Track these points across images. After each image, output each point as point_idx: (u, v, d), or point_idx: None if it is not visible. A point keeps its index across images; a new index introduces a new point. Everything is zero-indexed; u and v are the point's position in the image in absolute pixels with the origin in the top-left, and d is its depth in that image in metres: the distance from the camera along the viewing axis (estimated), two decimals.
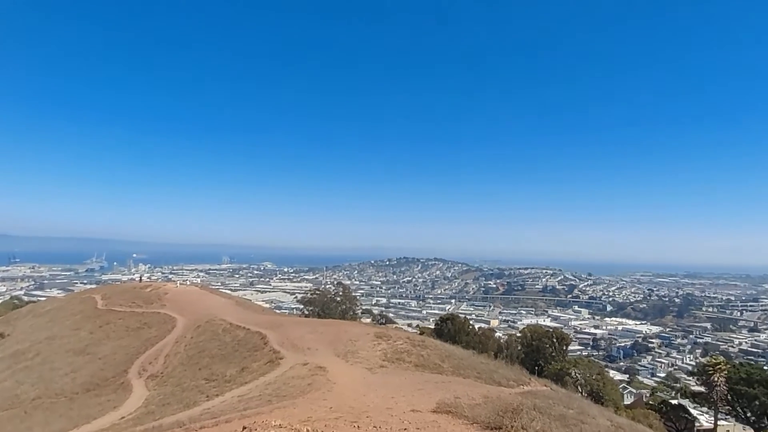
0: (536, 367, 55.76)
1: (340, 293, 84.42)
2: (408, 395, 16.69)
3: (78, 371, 37.80)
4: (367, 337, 30.50)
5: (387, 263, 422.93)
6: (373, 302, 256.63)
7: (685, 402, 60.14)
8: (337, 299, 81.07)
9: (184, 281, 77.88)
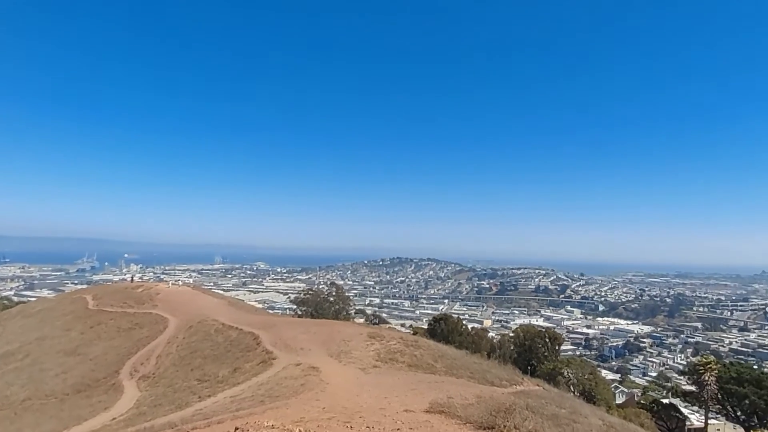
0: (529, 367, 56.03)
1: (333, 293, 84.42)
2: (401, 395, 16.69)
3: (69, 372, 37.47)
4: (360, 337, 30.45)
5: (380, 263, 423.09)
6: (366, 302, 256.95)
7: (676, 401, 60.58)
8: (330, 299, 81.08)
9: (176, 281, 77.38)
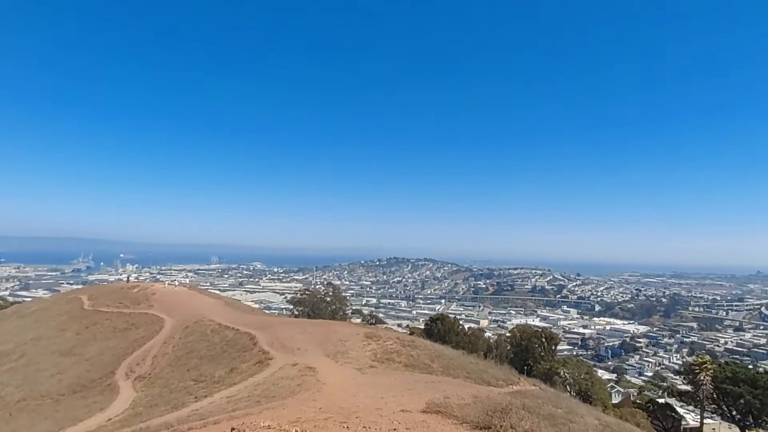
0: (525, 367, 56.04)
1: (330, 293, 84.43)
2: (398, 395, 16.67)
3: (64, 373, 37.31)
4: (356, 337, 30.42)
5: (377, 263, 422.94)
6: (363, 302, 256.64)
7: (672, 401, 60.82)
8: (327, 299, 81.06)
9: (173, 281, 77.18)
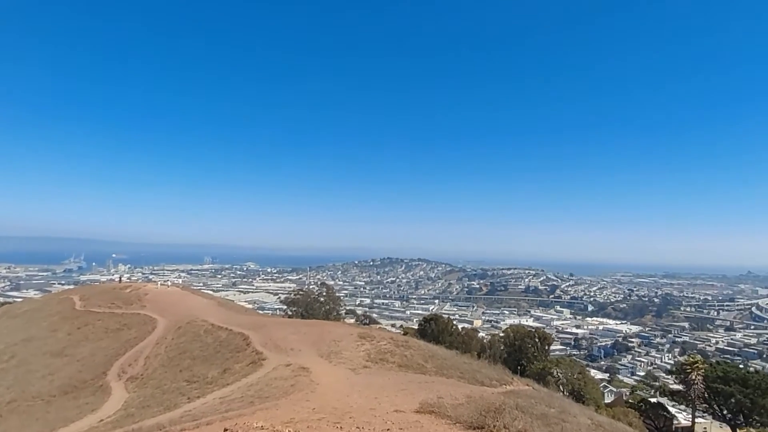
0: (519, 367, 56.27)
1: (324, 294, 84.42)
2: (391, 395, 16.68)
3: (55, 373, 37.04)
4: (350, 337, 30.41)
5: (371, 264, 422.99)
6: (356, 303, 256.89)
7: (664, 400, 61.17)
8: (321, 300, 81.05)
9: (165, 282, 76.66)
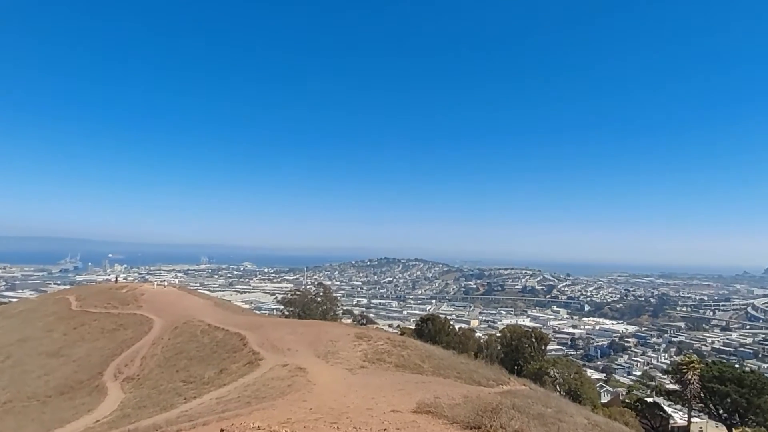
0: (516, 367, 56.29)
1: (321, 294, 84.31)
2: (388, 396, 16.68)
3: (51, 374, 36.91)
4: (347, 337, 30.39)
5: (368, 264, 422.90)
6: (353, 303, 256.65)
7: (660, 400, 61.39)
8: (318, 300, 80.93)
9: (162, 282, 76.50)
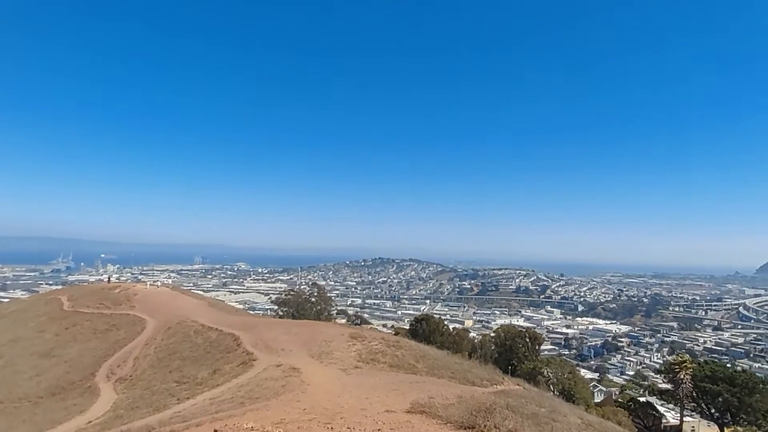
0: (510, 367, 56.42)
1: (315, 294, 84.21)
2: (382, 396, 16.66)
3: (43, 375, 36.66)
4: (341, 337, 30.34)
5: (362, 264, 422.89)
6: (348, 303, 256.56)
7: (653, 399, 61.73)
8: (312, 300, 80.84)
9: (155, 282, 76.07)
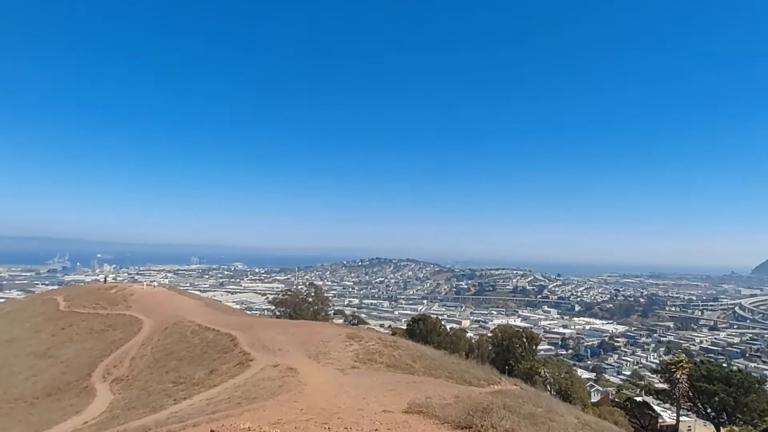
0: (507, 367, 56.49)
1: (312, 294, 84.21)
2: (379, 396, 16.67)
3: (39, 375, 36.56)
4: (338, 338, 30.34)
5: (359, 264, 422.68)
6: (345, 303, 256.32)
7: (649, 399, 61.89)
8: (309, 300, 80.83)
9: (151, 282, 75.86)
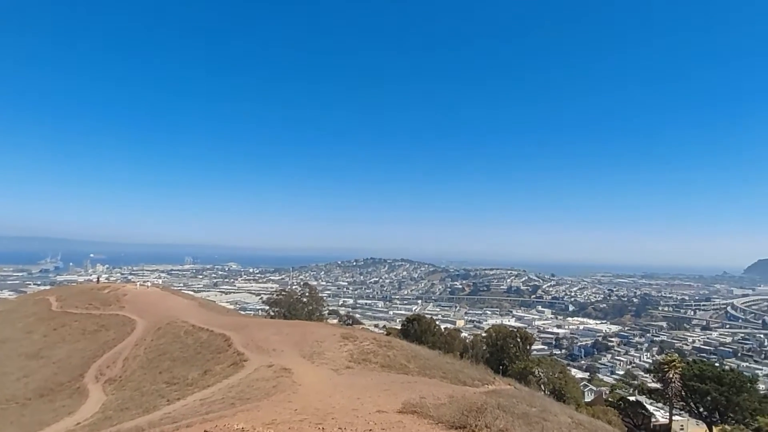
0: (501, 367, 56.67)
1: (307, 294, 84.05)
2: (374, 396, 16.66)
3: (31, 376, 36.33)
4: (333, 338, 30.31)
5: (354, 264, 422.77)
6: (339, 303, 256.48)
7: (642, 398, 62.29)
8: (304, 300, 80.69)
9: (145, 282, 75.42)
